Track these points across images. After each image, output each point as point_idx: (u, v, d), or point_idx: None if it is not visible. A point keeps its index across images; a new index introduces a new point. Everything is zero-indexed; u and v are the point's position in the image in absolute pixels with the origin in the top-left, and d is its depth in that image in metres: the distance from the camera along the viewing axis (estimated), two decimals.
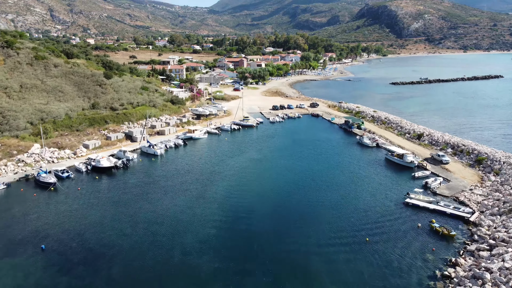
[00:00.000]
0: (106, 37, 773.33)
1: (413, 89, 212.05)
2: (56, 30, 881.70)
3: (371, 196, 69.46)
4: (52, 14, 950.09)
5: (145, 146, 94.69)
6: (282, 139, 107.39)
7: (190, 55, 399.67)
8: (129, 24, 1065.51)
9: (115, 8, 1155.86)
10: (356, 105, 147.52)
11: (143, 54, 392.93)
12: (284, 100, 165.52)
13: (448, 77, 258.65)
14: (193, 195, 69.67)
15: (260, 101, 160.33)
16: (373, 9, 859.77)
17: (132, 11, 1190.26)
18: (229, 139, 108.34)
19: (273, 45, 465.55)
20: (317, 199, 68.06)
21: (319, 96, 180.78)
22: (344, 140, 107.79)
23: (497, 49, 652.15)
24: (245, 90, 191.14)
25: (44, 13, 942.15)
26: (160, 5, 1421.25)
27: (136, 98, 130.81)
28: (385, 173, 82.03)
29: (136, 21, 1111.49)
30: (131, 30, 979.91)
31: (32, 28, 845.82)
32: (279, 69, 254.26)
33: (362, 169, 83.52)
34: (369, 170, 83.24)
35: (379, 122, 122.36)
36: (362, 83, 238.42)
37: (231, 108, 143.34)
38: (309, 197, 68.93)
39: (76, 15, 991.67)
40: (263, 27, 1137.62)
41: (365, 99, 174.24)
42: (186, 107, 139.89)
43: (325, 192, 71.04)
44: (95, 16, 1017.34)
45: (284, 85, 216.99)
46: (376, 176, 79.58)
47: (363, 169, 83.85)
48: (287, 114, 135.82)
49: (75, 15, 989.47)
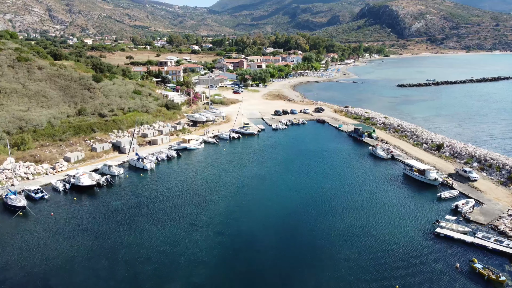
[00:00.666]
0: (105, 37, 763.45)
1: (421, 92, 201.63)
2: (54, 30, 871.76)
3: (394, 223, 59.04)
4: (51, 14, 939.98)
5: (134, 159, 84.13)
6: (286, 150, 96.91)
7: (188, 56, 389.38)
8: (128, 24, 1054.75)
9: (114, 8, 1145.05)
10: (364, 110, 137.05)
11: (140, 55, 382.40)
12: (286, 104, 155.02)
13: (455, 78, 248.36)
14: (186, 221, 59.25)
15: (261, 106, 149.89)
16: (374, 9, 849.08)
17: (131, 11, 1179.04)
18: (228, 149, 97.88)
19: (273, 46, 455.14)
20: (331, 228, 57.62)
21: (323, 99, 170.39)
22: (355, 150, 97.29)
23: (499, 49, 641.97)
24: (245, 93, 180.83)
25: (43, 13, 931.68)
26: (160, 5, 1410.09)
27: (128, 103, 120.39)
28: (405, 192, 71.60)
29: (135, 21, 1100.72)
30: (130, 30, 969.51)
31: (30, 28, 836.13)
32: (280, 70, 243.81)
33: (380, 188, 73.06)
34: (387, 188, 72.80)
35: (391, 129, 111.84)
36: (367, 85, 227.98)
37: (230, 113, 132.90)
38: (321, 225, 58.51)
39: (74, 15, 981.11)
40: (263, 27, 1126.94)
41: (372, 103, 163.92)
42: (182, 112, 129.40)
43: (340, 218, 60.60)
44: (94, 16, 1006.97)
45: (286, 88, 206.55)
46: (396, 196, 69.15)
47: (380, 187, 73.39)
48: (291, 120, 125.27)
49: (74, 15, 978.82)
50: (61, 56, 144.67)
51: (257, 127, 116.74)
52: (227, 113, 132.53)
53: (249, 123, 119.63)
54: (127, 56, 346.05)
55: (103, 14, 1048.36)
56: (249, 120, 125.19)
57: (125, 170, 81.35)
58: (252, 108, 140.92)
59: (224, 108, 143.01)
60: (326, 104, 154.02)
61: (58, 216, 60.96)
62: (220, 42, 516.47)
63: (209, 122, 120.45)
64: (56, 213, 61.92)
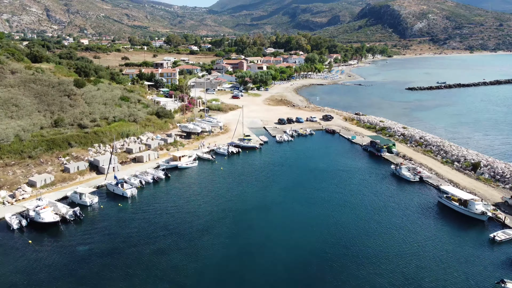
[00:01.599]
0: (103, 37, 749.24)
1: (434, 96, 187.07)
2: (52, 30, 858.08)
3: (443, 280, 44.51)
4: (48, 14, 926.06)
5: (112, 184, 69.47)
6: (293, 169, 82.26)
7: (186, 57, 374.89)
8: (126, 24, 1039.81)
9: (113, 8, 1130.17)
10: (379, 118, 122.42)
11: (137, 55, 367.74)
12: (291, 110, 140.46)
13: (467, 81, 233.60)
14: (168, 278, 44.77)
15: (263, 112, 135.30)
16: (375, 8, 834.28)
17: (130, 11, 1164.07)
18: (225, 167, 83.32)
19: (274, 46, 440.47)
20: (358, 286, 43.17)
21: (330, 104, 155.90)
22: (374, 169, 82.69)
23: (503, 50, 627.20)
24: (245, 98, 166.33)
25: (40, 13, 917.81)
26: (159, 5, 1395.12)
27: (113, 112, 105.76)
28: (445, 229, 57.15)
29: (134, 21, 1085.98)
30: (129, 30, 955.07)
31: (28, 28, 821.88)
32: (282, 72, 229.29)
33: (412, 223, 58.55)
34: (421, 224, 58.30)
35: (412, 142, 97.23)
36: (374, 88, 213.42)
37: (229, 121, 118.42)
38: (343, 280, 44.02)
39: (73, 15, 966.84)
40: (263, 27, 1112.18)
41: (383, 109, 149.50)
42: (174, 121, 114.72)
43: (369, 271, 45.96)
44: (92, 16, 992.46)
45: (289, 91, 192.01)
46: (435, 237, 54.59)
47: (413, 222, 58.86)
48: (297, 131, 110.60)
49: (72, 15, 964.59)
50: (41, 58, 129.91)
51: (259, 139, 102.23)
52: (226, 122, 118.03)
53: (250, 134, 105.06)
54: (122, 57, 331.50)
55: (102, 14, 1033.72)
56: (250, 130, 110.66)
57: (101, 197, 66.77)
58: (253, 116, 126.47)
59: (222, 115, 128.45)
60: (335, 111, 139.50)
61: (2, 269, 46.42)
62: (219, 42, 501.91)
63: (204, 133, 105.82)
64: (1, 264, 47.39)
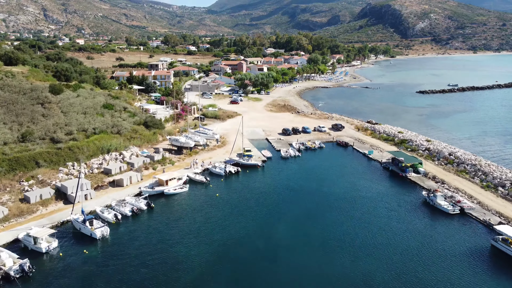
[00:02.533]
0: (100, 37, 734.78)
1: (448, 100, 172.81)
2: (49, 30, 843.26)
3: None
4: (46, 14, 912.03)
5: (78, 220, 54.95)
6: (303, 195, 67.79)
7: (184, 57, 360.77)
8: (125, 24, 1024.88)
9: (111, 7, 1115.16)
10: (396, 128, 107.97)
11: (132, 56, 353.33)
12: (295, 118, 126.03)
13: (479, 83, 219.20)
14: None
15: (265, 121, 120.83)
16: (376, 8, 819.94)
17: (128, 11, 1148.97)
18: (222, 193, 68.92)
19: (274, 46, 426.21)
20: None
21: (337, 110, 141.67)
22: (402, 195, 68.29)
23: (507, 50, 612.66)
24: (245, 103, 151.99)
25: (37, 12, 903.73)
26: (158, 5, 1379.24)
27: (93, 122, 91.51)
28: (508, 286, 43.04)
29: (133, 21, 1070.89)
30: (127, 30, 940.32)
31: (24, 28, 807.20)
32: (284, 74, 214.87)
33: (462, 278, 44.26)
34: (476, 279, 44.05)
35: (441, 160, 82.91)
36: (383, 91, 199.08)
37: (227, 132, 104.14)
38: None
39: (70, 14, 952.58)
40: (262, 27, 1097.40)
41: (396, 115, 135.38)
42: (165, 132, 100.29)
43: None
44: (90, 16, 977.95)
45: (291, 95, 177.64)
46: None
47: (462, 277, 44.57)
48: (304, 144, 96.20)
49: (69, 14, 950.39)
50: (17, 61, 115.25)
51: (262, 154, 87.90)
52: (223, 132, 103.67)
53: (251, 148, 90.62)
54: (117, 58, 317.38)
55: (100, 14, 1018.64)
56: (250, 143, 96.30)
57: (64, 239, 52.38)
58: (254, 125, 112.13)
59: (219, 124, 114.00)
60: (344, 118, 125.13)
61: None
62: (218, 42, 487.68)
63: (198, 148, 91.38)
64: None
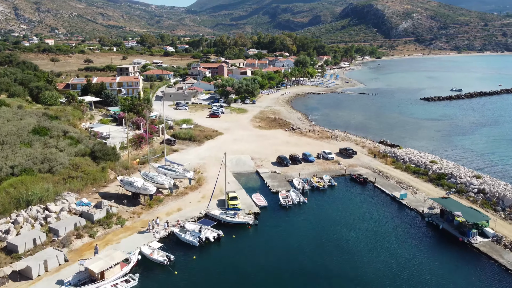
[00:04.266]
0: (74, 37, 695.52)
1: (460, 109, 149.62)
2: (20, 30, 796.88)
3: None
4: (17, 13, 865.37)
5: None
6: (320, 284, 41.72)
7: (160, 59, 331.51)
8: (101, 24, 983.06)
9: (86, 7, 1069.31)
10: (424, 155, 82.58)
11: (104, 58, 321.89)
12: (291, 138, 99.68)
13: (479, 86, 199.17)
14: None
15: (254, 142, 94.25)
16: (358, 8, 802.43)
17: (105, 10, 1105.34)
18: (195, 284, 42.08)
19: (256, 47, 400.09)
20: None
21: (339, 124, 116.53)
22: (476, 284, 42.87)
23: (490, 50, 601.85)
24: (227, 115, 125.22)
25: (8, 11, 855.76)
26: (136, 4, 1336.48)
27: (13, 157, 63.57)
28: None
29: (109, 21, 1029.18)
30: (103, 30, 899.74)
31: None
32: (270, 78, 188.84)
33: None
34: None
35: (507, 210, 57.90)
36: (382, 97, 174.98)
37: (204, 161, 77.38)
38: None
39: (43, 14, 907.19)
40: (243, 27, 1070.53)
41: (410, 131, 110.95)
42: (119, 165, 72.64)
43: None
44: (64, 15, 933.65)
45: (281, 103, 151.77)
46: None
47: None
48: (309, 181, 69.83)
49: (42, 14, 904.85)
50: None
51: (253, 200, 61.40)
52: (199, 163, 76.78)
53: (237, 193, 63.78)
54: (85, 60, 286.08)
55: (75, 13, 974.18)
56: (236, 179, 69.73)
57: None
58: (239, 149, 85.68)
59: (195, 150, 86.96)
60: (351, 138, 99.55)
61: None
62: (197, 43, 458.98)
63: (163, 192, 64.14)
64: None
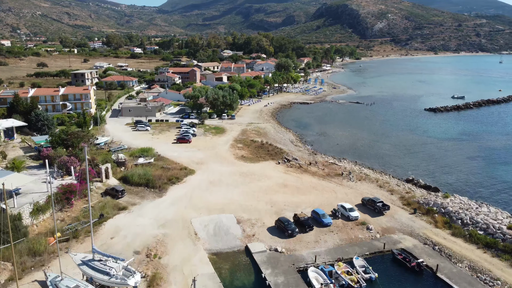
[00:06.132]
0: (37, 37, 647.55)
1: (477, 123, 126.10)
2: None
3: None
4: None
5: None
6: None
7: (126, 61, 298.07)
8: (67, 23, 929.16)
9: (52, 6, 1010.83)
10: (490, 209, 56.74)
11: (61, 61, 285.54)
12: (288, 176, 71.91)
13: (477, 92, 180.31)
14: None
15: (238, 186, 65.93)
16: (332, 8, 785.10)
17: (71, 10, 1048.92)
18: None
19: (231, 48, 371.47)
20: None
21: (342, 148, 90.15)
22: None
23: (465, 51, 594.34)
24: (200, 139, 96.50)
25: None
26: (105, 4, 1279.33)
27: None
28: None
29: (76, 21, 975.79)
30: (70, 30, 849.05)
31: None
32: (250, 86, 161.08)
33: None
34: None
35: None
36: (380, 108, 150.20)
37: (164, 230, 49.12)
38: None
39: (4, 13, 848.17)
40: (216, 27, 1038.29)
41: (439, 160, 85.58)
42: (26, 248, 43.24)
43: None
44: (27, 15, 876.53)
45: (265, 118, 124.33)
46: None
47: None
48: (334, 272, 42.68)
49: (3, 13, 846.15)
50: None
51: None
52: (156, 239, 48.20)
53: None
54: (38, 63, 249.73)
55: (38, 12, 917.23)
56: (214, 271, 41.63)
57: None
58: (218, 202, 57.69)
59: (152, 205, 57.98)
60: (367, 172, 72.97)
61: None
62: (167, 43, 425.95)
63: None
64: None
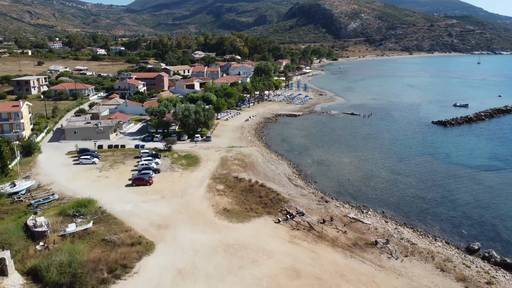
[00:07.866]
0: None
1: (501, 141, 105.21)
2: None
3: None
4: None
5: None
6: None
7: (86, 64, 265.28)
8: (28, 22, 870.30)
9: (12, 4, 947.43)
10: None
11: (11, 64, 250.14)
12: (297, 252, 46.79)
13: (477, 98, 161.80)
14: None
15: (224, 282, 40.58)
16: (305, 8, 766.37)
17: (34, 8, 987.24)
18: None
19: (202, 49, 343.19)
20: None
21: (357, 188, 66.11)
22: None
23: (438, 51, 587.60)
24: (166, 177, 69.55)
25: None
26: (70, 2, 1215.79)
27: None
28: None
29: (38, 20, 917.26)
30: (31, 29, 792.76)
31: None
32: (227, 95, 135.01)
33: None
34: None
35: None
36: (380, 120, 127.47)
37: None
38: None
39: None
40: (186, 27, 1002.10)
41: (491, 210, 62.70)
42: None
43: None
44: None
45: (249, 140, 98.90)
46: None
47: None
48: None
49: None
50: None
51: None
52: None
53: None
54: None
55: None
56: None
57: None
58: None
59: None
60: (415, 242, 49.10)
61: None
62: (134, 44, 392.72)
63: None
64: None
